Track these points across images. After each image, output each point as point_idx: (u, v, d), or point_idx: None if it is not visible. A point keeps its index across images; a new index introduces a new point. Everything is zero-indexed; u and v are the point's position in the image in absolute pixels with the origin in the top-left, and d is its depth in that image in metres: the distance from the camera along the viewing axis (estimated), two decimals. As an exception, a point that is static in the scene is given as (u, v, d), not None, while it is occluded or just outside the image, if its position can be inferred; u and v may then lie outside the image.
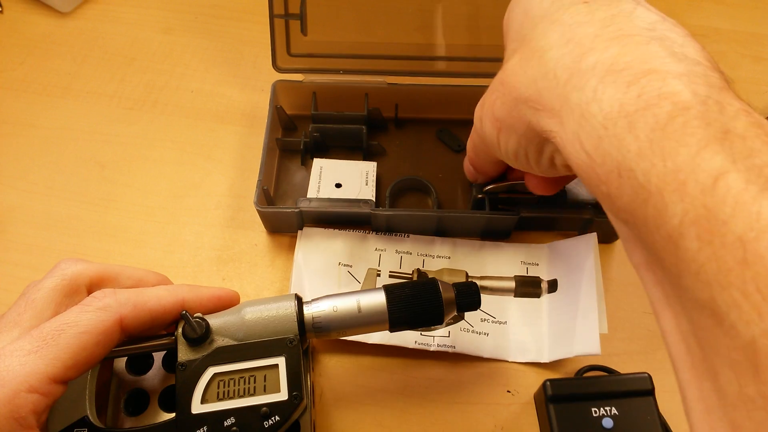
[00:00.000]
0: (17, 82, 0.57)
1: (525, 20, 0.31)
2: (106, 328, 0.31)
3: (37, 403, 0.28)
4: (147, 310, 0.33)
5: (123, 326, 0.32)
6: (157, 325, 0.34)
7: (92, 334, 0.30)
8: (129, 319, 0.32)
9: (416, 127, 0.54)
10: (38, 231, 0.48)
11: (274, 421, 0.32)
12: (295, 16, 0.49)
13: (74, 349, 0.30)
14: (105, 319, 0.31)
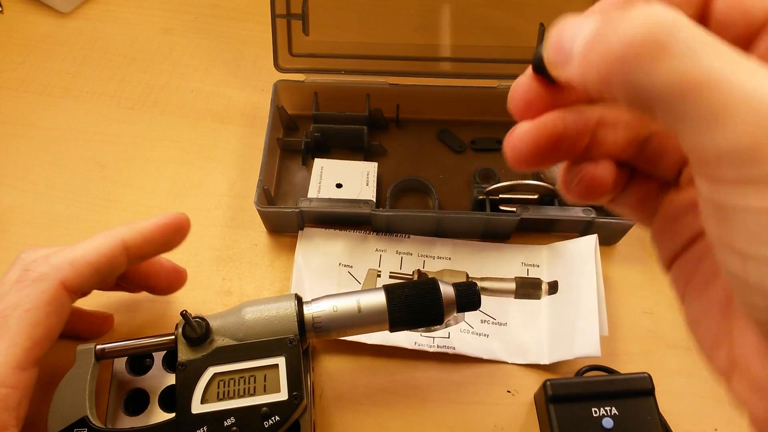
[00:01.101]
0: (17, 82, 0.57)
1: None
2: (50, 297, 0.30)
3: (8, 398, 0.27)
4: (87, 263, 0.32)
5: (68, 288, 0.31)
6: (108, 274, 0.33)
7: (39, 308, 0.29)
8: (72, 280, 0.31)
9: (417, 127, 0.54)
10: (38, 231, 0.48)
11: (274, 421, 0.32)
12: (297, 16, 0.49)
13: (26, 330, 0.29)
14: (45, 288, 0.30)
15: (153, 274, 0.39)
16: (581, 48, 0.17)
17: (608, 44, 0.15)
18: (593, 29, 0.16)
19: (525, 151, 0.21)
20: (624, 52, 0.15)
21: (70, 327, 0.40)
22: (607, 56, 0.15)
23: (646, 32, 0.15)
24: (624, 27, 0.15)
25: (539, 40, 0.50)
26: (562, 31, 0.18)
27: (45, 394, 0.39)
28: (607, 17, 0.16)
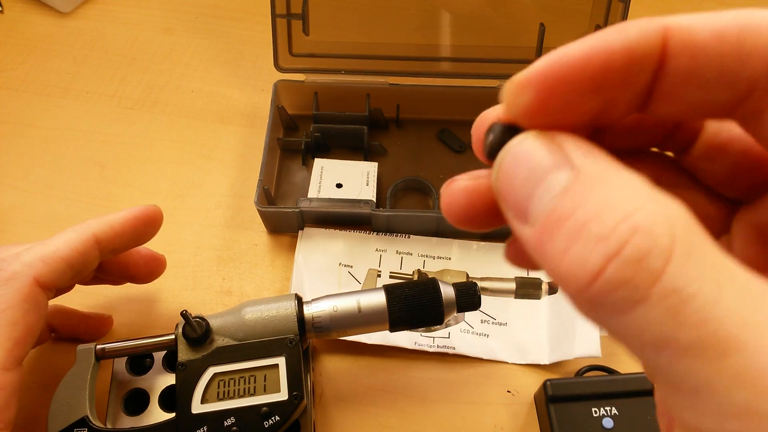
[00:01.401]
0: (17, 82, 0.57)
1: None
2: (24, 295, 0.29)
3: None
4: (59, 258, 0.31)
5: (42, 284, 0.30)
6: (81, 269, 0.33)
7: (15, 307, 0.29)
8: (45, 276, 0.31)
9: (417, 127, 0.54)
10: (38, 231, 0.48)
11: (274, 421, 0.32)
12: (297, 16, 0.49)
13: (5, 330, 0.28)
14: (19, 287, 0.29)
15: (132, 264, 0.39)
16: (541, 222, 0.13)
17: (577, 265, 0.12)
18: (555, 204, 0.13)
19: (459, 212, 0.17)
20: (595, 291, 0.12)
21: (70, 329, 0.40)
22: (576, 282, 0.12)
23: (627, 260, 0.11)
24: (596, 245, 0.12)
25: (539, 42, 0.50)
26: (516, 163, 0.14)
27: (45, 394, 0.39)
28: (576, 197, 0.12)
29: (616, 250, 0.11)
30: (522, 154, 0.14)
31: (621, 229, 0.12)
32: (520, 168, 0.14)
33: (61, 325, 0.40)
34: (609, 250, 0.12)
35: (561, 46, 0.14)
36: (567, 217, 0.12)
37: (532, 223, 0.13)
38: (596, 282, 0.12)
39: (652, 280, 0.11)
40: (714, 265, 0.12)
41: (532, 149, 0.14)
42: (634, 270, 0.11)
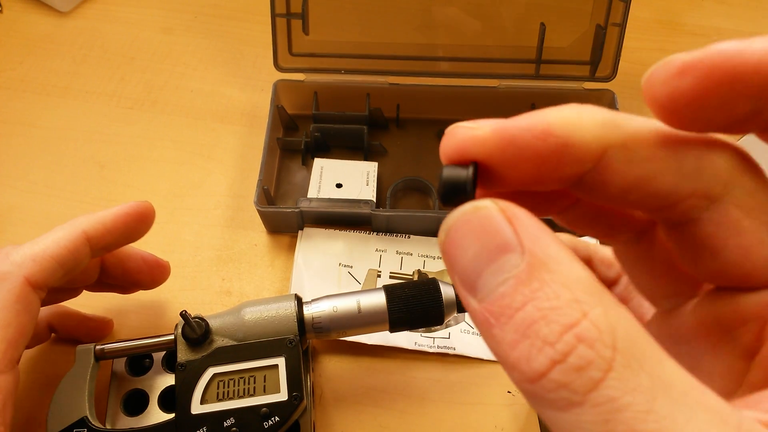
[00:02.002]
0: (17, 81, 0.57)
1: None
2: (16, 296, 0.29)
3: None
4: (49, 257, 0.31)
5: (33, 284, 0.30)
6: (73, 267, 0.32)
7: (6, 308, 0.29)
8: (36, 275, 0.30)
9: (417, 127, 0.54)
10: (38, 231, 0.48)
11: (274, 422, 0.32)
12: (297, 16, 0.49)
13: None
14: (10, 288, 0.29)
15: (135, 270, 0.39)
16: (489, 303, 0.13)
17: (524, 362, 0.12)
18: (504, 291, 0.13)
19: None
20: (537, 388, 0.12)
21: (70, 330, 0.40)
22: (521, 375, 0.13)
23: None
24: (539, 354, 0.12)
25: (539, 42, 0.50)
26: (467, 234, 0.14)
27: (45, 394, 0.39)
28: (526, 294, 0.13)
29: (562, 357, 0.12)
30: (476, 225, 0.14)
31: (567, 338, 0.12)
32: (472, 239, 0.14)
33: (62, 326, 0.40)
34: (555, 356, 0.12)
35: (734, 41, 0.13)
36: (516, 308, 0.13)
37: (480, 299, 0.13)
38: (539, 381, 0.12)
39: (590, 387, 0.12)
40: (651, 374, 0.12)
41: (487, 221, 0.14)
42: (576, 376, 0.12)
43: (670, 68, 0.14)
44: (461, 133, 0.15)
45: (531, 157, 0.14)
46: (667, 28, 0.61)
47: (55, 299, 0.38)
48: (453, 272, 0.14)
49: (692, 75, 0.13)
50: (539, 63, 0.51)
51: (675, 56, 0.13)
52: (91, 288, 0.39)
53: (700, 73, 0.13)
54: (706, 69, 0.13)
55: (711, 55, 0.13)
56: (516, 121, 0.15)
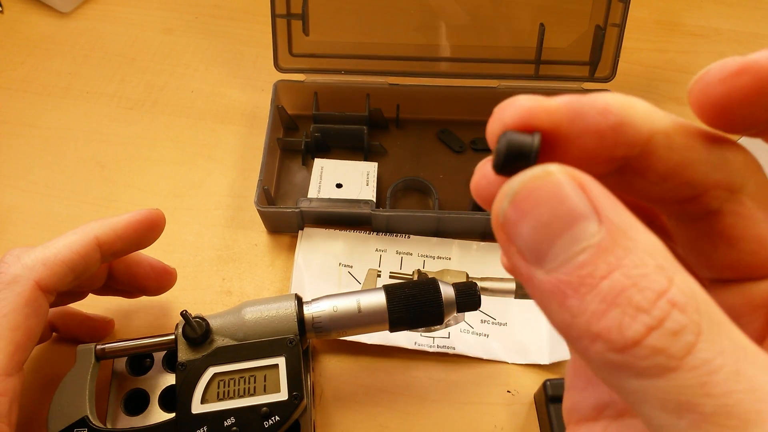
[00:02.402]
0: (17, 82, 0.57)
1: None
2: (26, 299, 0.29)
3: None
4: (60, 261, 0.31)
5: (43, 288, 0.30)
6: (83, 272, 0.32)
7: (16, 311, 0.29)
8: (46, 279, 0.30)
9: (417, 127, 0.54)
10: (38, 231, 0.48)
11: (274, 421, 0.32)
12: (297, 16, 0.49)
13: (7, 334, 0.28)
14: (20, 291, 0.29)
15: (142, 276, 0.39)
16: (565, 274, 0.13)
17: (617, 330, 0.12)
18: (585, 260, 0.13)
19: None
20: (631, 356, 0.12)
21: (72, 330, 0.40)
22: (611, 344, 0.12)
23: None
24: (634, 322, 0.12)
25: (539, 42, 0.50)
26: (538, 200, 0.13)
27: (45, 394, 0.39)
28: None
29: (658, 323, 0.12)
30: (547, 191, 0.13)
31: (661, 304, 0.12)
32: (542, 207, 0.13)
33: (63, 326, 0.40)
34: (651, 322, 0.12)
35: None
36: (601, 277, 0.12)
37: (550, 270, 0.13)
38: (632, 349, 0.12)
39: (685, 351, 0.12)
40: (731, 339, 0.12)
41: (559, 188, 0.13)
42: (672, 341, 0.12)
43: (728, 68, 0.14)
44: (528, 103, 0.14)
45: (593, 132, 0.14)
46: (666, 29, 0.61)
47: (61, 302, 0.38)
48: (514, 242, 0.14)
49: (750, 75, 0.13)
50: (539, 63, 0.51)
51: (732, 58, 0.14)
52: (97, 292, 0.39)
53: (758, 74, 0.13)
54: (763, 70, 0.13)
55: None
56: (580, 97, 0.14)
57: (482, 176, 0.16)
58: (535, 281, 0.13)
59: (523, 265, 0.14)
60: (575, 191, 0.13)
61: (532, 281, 0.13)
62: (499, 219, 0.14)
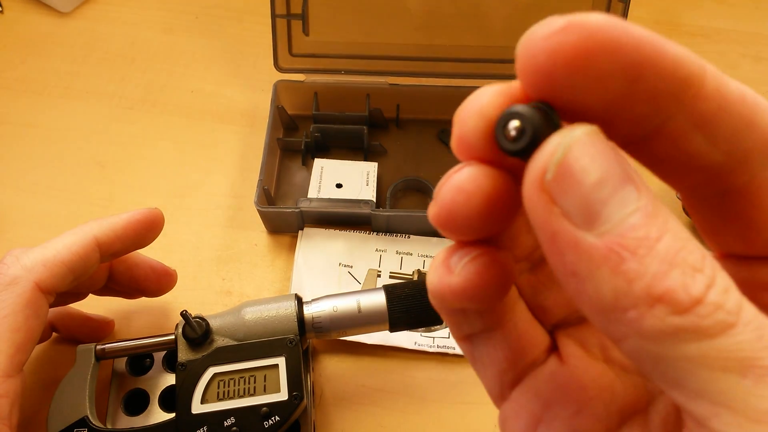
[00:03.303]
0: (17, 82, 0.57)
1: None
2: (25, 300, 0.29)
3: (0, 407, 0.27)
4: (60, 262, 0.31)
5: (43, 289, 0.30)
6: (82, 272, 0.32)
7: (16, 312, 0.29)
8: (46, 280, 0.30)
9: (417, 127, 0.54)
10: (38, 231, 0.48)
11: (274, 421, 0.32)
12: (297, 16, 0.49)
13: (7, 336, 0.28)
14: (20, 292, 0.29)
15: (143, 277, 0.39)
16: (619, 235, 0.12)
17: (681, 289, 0.12)
18: (639, 222, 0.12)
19: (474, 210, 0.15)
20: (696, 314, 0.12)
21: (72, 330, 0.40)
22: (676, 304, 0.12)
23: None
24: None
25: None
26: (591, 159, 0.12)
27: (45, 394, 0.39)
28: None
29: (711, 280, 0.12)
30: (600, 148, 0.12)
31: (709, 262, 0.12)
32: (597, 164, 0.12)
33: (63, 326, 0.40)
34: (707, 281, 0.12)
35: None
36: (656, 239, 0.12)
37: (603, 232, 0.12)
38: (696, 307, 0.12)
39: (739, 306, 0.12)
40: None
41: (609, 146, 0.13)
42: (727, 297, 0.12)
43: (553, 24, 0.13)
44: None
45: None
46: (666, 28, 0.61)
47: (62, 302, 0.38)
48: (561, 203, 0.12)
49: (577, 33, 0.12)
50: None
51: (557, 16, 0.13)
52: (97, 293, 0.39)
53: (585, 32, 0.12)
54: (591, 29, 0.12)
55: (597, 18, 0.12)
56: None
57: (458, 192, 0.15)
58: (583, 246, 0.12)
59: (568, 229, 0.12)
60: (617, 153, 0.13)
61: (580, 247, 0.12)
62: (546, 177, 0.13)
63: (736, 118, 0.13)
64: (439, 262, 0.16)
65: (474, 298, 0.15)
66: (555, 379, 0.17)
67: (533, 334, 0.18)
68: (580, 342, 0.18)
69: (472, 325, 0.18)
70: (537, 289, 0.18)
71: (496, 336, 0.17)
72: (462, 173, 0.15)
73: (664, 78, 0.13)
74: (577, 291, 0.13)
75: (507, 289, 0.16)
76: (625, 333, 0.12)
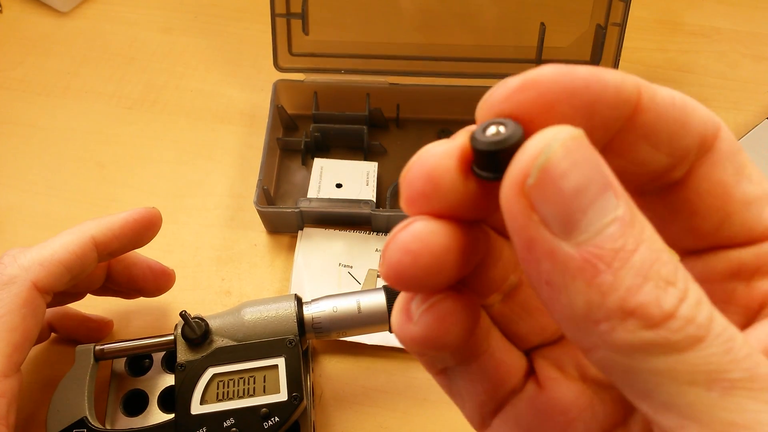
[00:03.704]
0: (17, 82, 0.57)
1: None
2: (23, 300, 0.29)
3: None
4: (57, 262, 0.31)
5: (40, 289, 0.30)
6: (79, 272, 0.32)
7: (14, 312, 0.29)
8: (43, 280, 0.30)
9: (417, 127, 0.54)
10: (38, 231, 0.48)
11: (274, 422, 0.32)
12: (296, 16, 0.49)
13: (4, 336, 0.28)
14: (18, 292, 0.29)
15: (141, 277, 0.39)
16: (597, 246, 0.12)
17: (654, 304, 0.12)
18: (617, 231, 0.12)
19: (425, 266, 0.14)
20: (666, 329, 0.12)
21: (70, 330, 0.40)
22: (648, 319, 0.12)
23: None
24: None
25: (539, 42, 0.50)
26: (572, 163, 0.12)
27: (44, 394, 0.39)
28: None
29: (684, 293, 0.12)
30: (583, 154, 0.12)
31: (682, 275, 0.12)
32: (578, 171, 0.12)
33: (62, 326, 0.40)
34: (680, 294, 0.12)
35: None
36: (632, 251, 0.12)
37: (581, 242, 0.12)
38: (670, 320, 0.12)
39: (709, 320, 0.12)
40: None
41: (592, 151, 0.12)
42: (698, 310, 0.12)
43: (510, 85, 0.13)
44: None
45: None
46: (667, 28, 0.61)
47: (59, 302, 0.38)
48: (540, 209, 0.12)
49: (534, 89, 0.13)
50: (539, 63, 0.51)
51: (509, 77, 0.13)
52: (96, 293, 0.39)
53: (540, 87, 0.13)
54: (545, 83, 0.13)
55: (547, 72, 0.13)
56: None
57: (404, 253, 0.14)
58: (559, 256, 0.12)
59: (546, 237, 0.12)
60: (599, 158, 0.12)
61: (556, 256, 0.12)
62: (526, 182, 0.12)
63: (671, 121, 0.14)
64: (400, 307, 0.15)
65: (436, 346, 0.15)
66: (535, 405, 0.17)
67: (510, 361, 0.17)
68: (555, 363, 0.17)
69: (445, 361, 0.17)
70: (510, 318, 0.18)
71: (472, 368, 0.17)
72: (408, 231, 0.14)
73: (612, 106, 0.13)
74: (550, 299, 0.12)
75: (471, 332, 0.16)
76: (594, 343, 0.12)
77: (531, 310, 0.17)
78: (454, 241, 0.14)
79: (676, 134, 0.14)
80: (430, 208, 0.14)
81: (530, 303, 0.17)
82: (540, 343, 0.18)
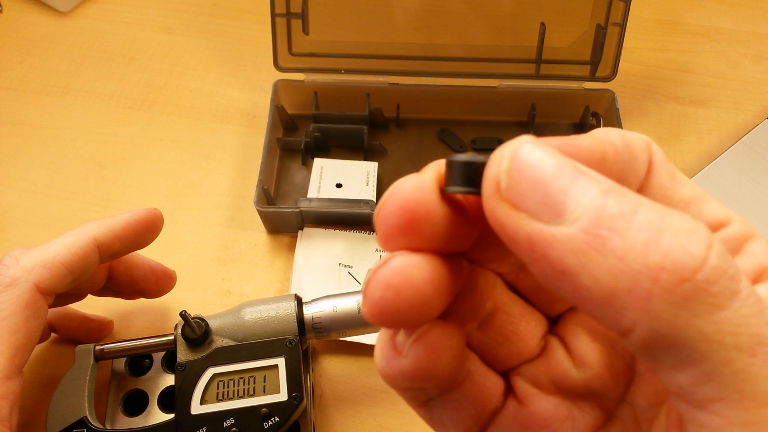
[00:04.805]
0: (17, 81, 0.57)
1: None
2: (25, 302, 0.29)
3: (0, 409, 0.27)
4: (59, 263, 0.31)
5: (42, 290, 0.30)
6: (81, 273, 0.32)
7: (16, 314, 0.29)
8: (45, 281, 0.30)
9: (417, 127, 0.54)
10: (38, 231, 0.48)
11: (274, 422, 0.32)
12: (296, 15, 0.49)
13: (7, 338, 0.28)
14: (20, 293, 0.29)
15: (142, 278, 0.39)
16: (591, 218, 0.12)
17: (681, 252, 0.11)
18: (606, 201, 0.12)
19: (411, 304, 0.14)
20: (701, 280, 0.11)
21: (71, 331, 0.40)
22: (680, 271, 0.11)
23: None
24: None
25: (539, 42, 0.50)
26: (539, 159, 0.13)
27: (44, 394, 0.39)
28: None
29: (710, 241, 0.11)
30: (544, 149, 0.13)
31: (702, 226, 0.12)
32: (544, 160, 0.12)
33: (62, 326, 0.40)
34: (705, 240, 0.11)
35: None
36: (632, 212, 0.12)
37: (575, 219, 0.12)
38: (703, 269, 0.11)
39: (738, 273, 0.11)
40: None
41: (551, 149, 0.13)
42: (727, 261, 0.11)
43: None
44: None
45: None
46: (667, 28, 0.61)
47: (61, 303, 0.38)
48: (524, 205, 0.12)
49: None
50: (539, 63, 0.51)
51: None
52: (97, 293, 0.39)
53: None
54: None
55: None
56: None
57: (386, 288, 0.14)
58: (561, 240, 0.12)
59: (540, 228, 0.12)
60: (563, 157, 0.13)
61: (557, 242, 0.12)
62: (500, 186, 0.13)
63: (626, 162, 0.15)
64: (385, 341, 0.15)
65: (426, 377, 0.15)
66: (519, 421, 0.17)
67: (489, 384, 0.18)
68: (531, 379, 0.18)
69: (428, 393, 0.17)
70: (488, 345, 0.18)
71: (455, 396, 0.17)
72: (387, 267, 0.14)
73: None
74: (574, 290, 0.12)
75: (460, 359, 0.16)
76: (635, 319, 0.12)
77: (507, 335, 0.18)
78: (434, 274, 0.14)
79: (631, 166, 0.15)
80: (407, 242, 0.14)
81: (506, 329, 0.18)
82: (517, 365, 0.18)
